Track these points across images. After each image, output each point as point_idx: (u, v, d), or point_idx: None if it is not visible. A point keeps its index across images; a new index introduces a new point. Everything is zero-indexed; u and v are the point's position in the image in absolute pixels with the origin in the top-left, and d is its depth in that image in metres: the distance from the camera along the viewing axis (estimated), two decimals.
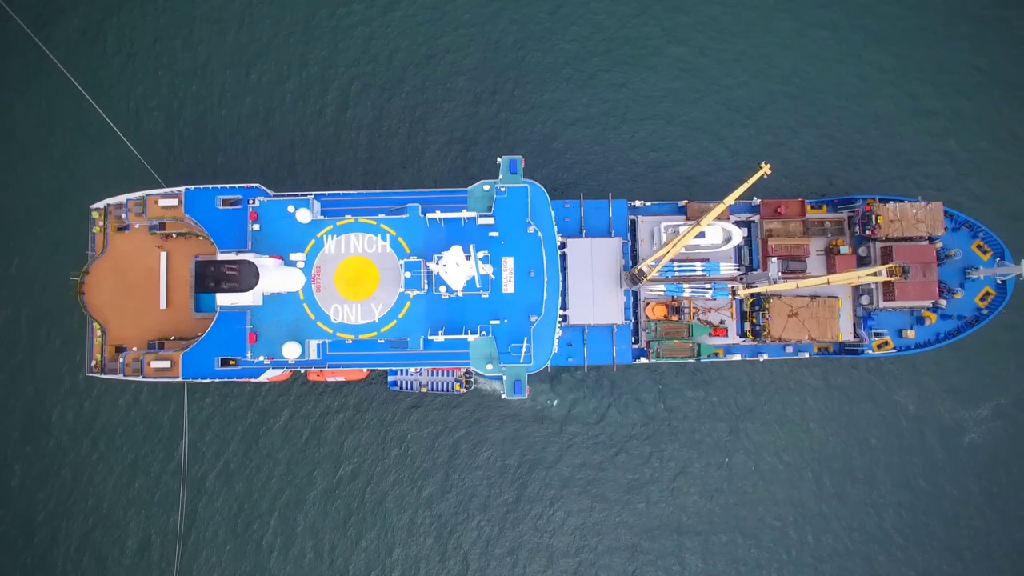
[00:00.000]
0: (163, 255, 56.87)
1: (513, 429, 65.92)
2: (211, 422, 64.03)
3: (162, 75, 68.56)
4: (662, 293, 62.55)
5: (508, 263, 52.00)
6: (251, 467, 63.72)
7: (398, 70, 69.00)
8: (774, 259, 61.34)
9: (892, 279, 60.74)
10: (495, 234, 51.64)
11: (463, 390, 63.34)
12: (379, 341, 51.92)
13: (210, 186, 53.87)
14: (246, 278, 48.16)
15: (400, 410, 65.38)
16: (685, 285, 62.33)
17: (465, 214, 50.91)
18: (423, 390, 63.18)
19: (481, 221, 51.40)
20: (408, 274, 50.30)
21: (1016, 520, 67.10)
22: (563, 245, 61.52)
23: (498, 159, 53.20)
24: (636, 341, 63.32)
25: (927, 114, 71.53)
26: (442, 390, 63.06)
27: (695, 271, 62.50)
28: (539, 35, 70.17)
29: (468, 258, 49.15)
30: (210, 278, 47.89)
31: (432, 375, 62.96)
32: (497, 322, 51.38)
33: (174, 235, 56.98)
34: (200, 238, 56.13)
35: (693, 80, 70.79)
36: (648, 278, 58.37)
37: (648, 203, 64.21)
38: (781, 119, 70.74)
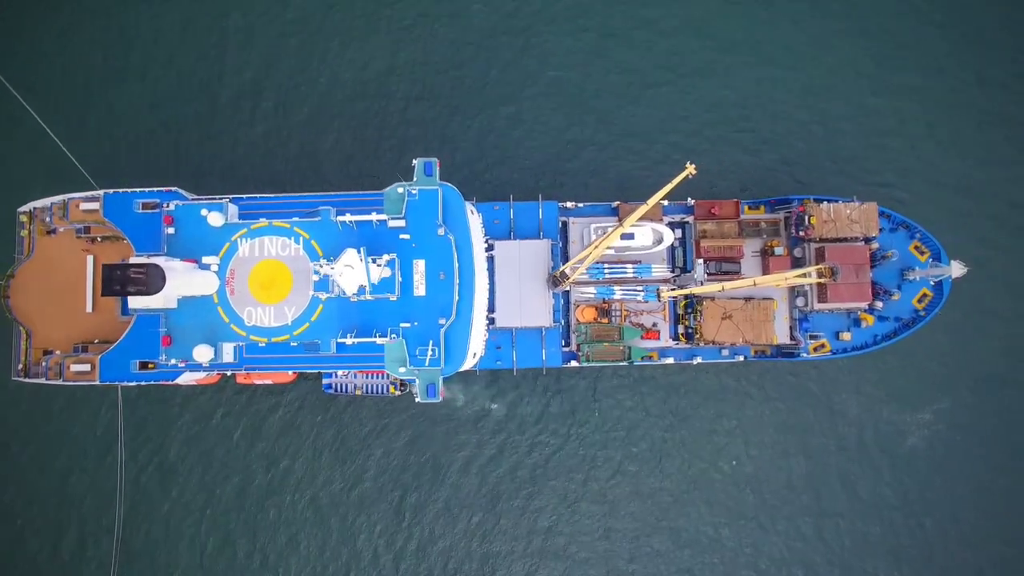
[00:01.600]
0: (89, 259, 57.35)
1: (446, 428, 65.80)
2: (147, 423, 64.51)
3: (97, 74, 68.93)
4: (592, 295, 62.22)
5: (419, 266, 51.80)
6: (186, 467, 64.11)
7: (334, 73, 69.16)
8: (699, 261, 60.78)
9: (821, 281, 60.10)
10: (406, 236, 51.51)
11: (398, 392, 63.30)
12: (292, 344, 51.95)
13: (128, 190, 54.21)
14: (153, 281, 48.32)
15: (334, 412, 65.41)
16: (616, 287, 62.02)
17: (375, 217, 50.78)
18: (358, 392, 63.27)
19: (392, 224, 51.27)
20: (317, 277, 50.34)
21: (952, 522, 66.14)
22: (491, 247, 61.50)
23: (413, 161, 53.06)
24: (567, 344, 63.04)
25: (871, 114, 70.59)
26: (377, 392, 63.10)
27: (626, 273, 62.11)
28: (478, 35, 70.11)
29: (365, 261, 49.10)
30: (115, 281, 48.08)
31: (368, 378, 63.07)
32: (407, 325, 51.21)
33: (99, 239, 57.46)
34: (125, 241, 56.54)
35: (632, 78, 70.28)
36: (571, 280, 57.99)
37: (580, 204, 63.85)
38: (722, 118, 69.96)
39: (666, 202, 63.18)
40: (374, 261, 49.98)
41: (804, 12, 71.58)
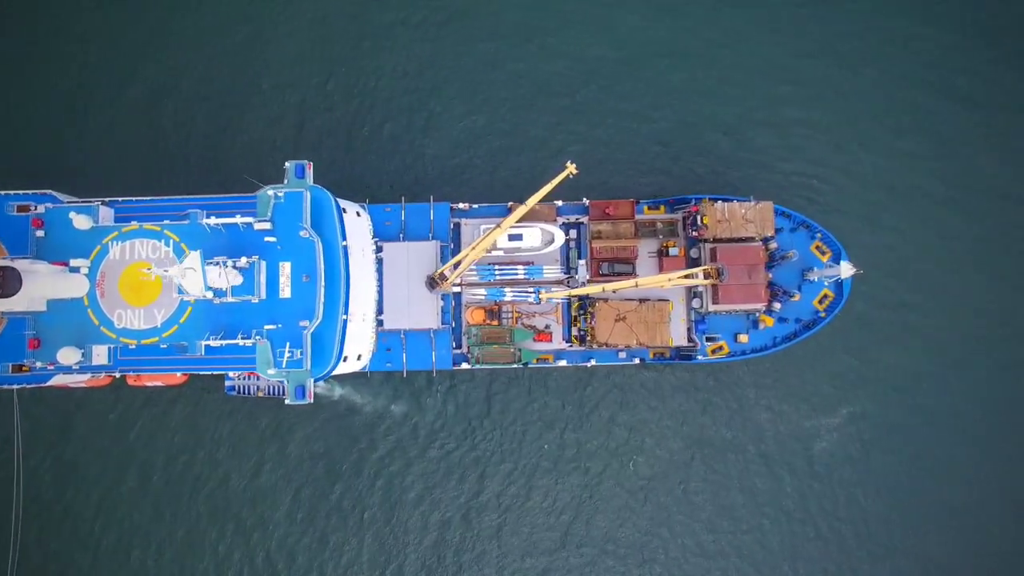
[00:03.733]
0: None
1: (339, 426, 65.39)
2: (41, 424, 64.92)
3: None
4: (483, 297, 61.76)
5: (285, 268, 51.61)
6: (81, 467, 64.36)
7: (234, 74, 69.40)
8: (582, 262, 60.03)
9: (708, 282, 59.11)
10: (272, 239, 51.39)
11: None
12: (161, 346, 52.05)
13: (1, 192, 54.65)
14: (9, 284, 48.66)
15: (229, 411, 65.26)
16: (507, 289, 61.48)
17: (239, 220, 50.71)
18: (260, 394, 63.00)
19: (258, 226, 51.17)
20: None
21: (862, 523, 64.70)
22: (380, 249, 61.34)
23: (285, 164, 53.01)
24: (459, 346, 62.58)
25: (783, 117, 69.23)
26: (279, 394, 62.86)
27: (517, 274, 61.55)
28: (366, 39, 70.36)
29: (218, 264, 49.02)
30: None
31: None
32: (272, 327, 51.06)
33: None
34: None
35: (535, 78, 69.65)
36: (450, 282, 57.62)
37: (474, 205, 63.41)
38: (630, 115, 68.97)
39: (560, 202, 62.73)
40: (234, 264, 49.90)
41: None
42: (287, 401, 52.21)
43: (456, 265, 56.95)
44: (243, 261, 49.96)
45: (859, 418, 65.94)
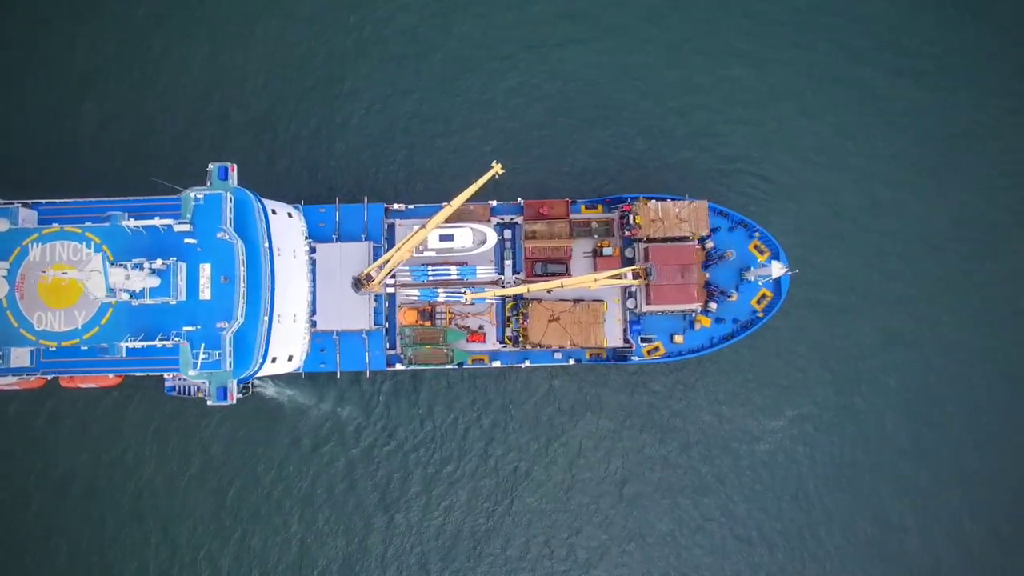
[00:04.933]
0: None
1: (268, 425, 65.27)
2: None
3: None
4: (416, 298, 61.45)
5: (205, 269, 51.54)
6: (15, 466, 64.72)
7: (171, 76, 69.34)
8: (508, 263, 59.62)
9: (637, 282, 58.61)
10: (192, 241, 51.27)
11: (238, 395, 63.04)
12: (82, 347, 52.06)
13: None
14: None
15: (169, 410, 65.20)
16: (440, 289, 61.13)
17: (158, 222, 50.62)
18: (200, 395, 62.99)
19: (178, 228, 51.06)
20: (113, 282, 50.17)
21: (793, 525, 64.29)
22: (314, 250, 61.16)
23: (208, 166, 52.93)
24: (393, 347, 62.27)
25: (724, 115, 68.82)
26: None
27: (450, 275, 61.21)
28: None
29: (123, 266, 48.97)
30: None
31: None
32: (192, 328, 50.95)
33: None
34: None
35: (476, 78, 69.42)
36: (375, 283, 57.33)
37: (410, 206, 63.07)
38: (569, 115, 68.59)
39: (495, 202, 62.38)
40: (150, 266, 49.84)
41: None
42: (208, 402, 52.30)
43: (383, 266, 56.61)
44: (158, 263, 49.87)
45: (802, 419, 65.33)
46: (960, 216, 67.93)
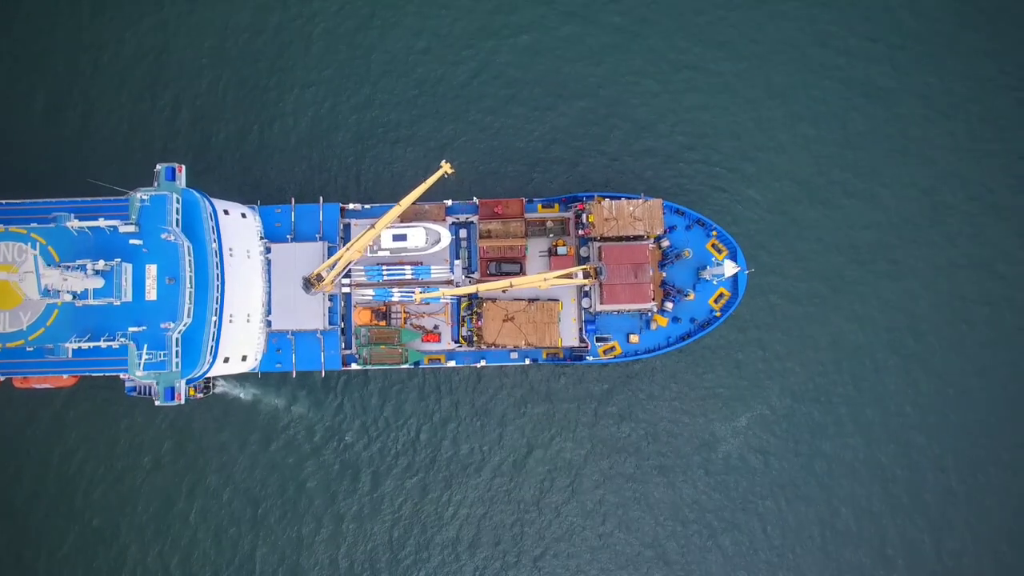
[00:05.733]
0: None
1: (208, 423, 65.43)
2: None
3: None
4: (371, 298, 61.25)
5: (151, 270, 51.50)
6: None
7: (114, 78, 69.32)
8: (457, 262, 59.39)
9: (588, 281, 58.27)
10: (137, 242, 51.19)
11: (199, 395, 63.17)
12: (27, 348, 52.07)
13: None
14: None
15: (124, 409, 65.10)
16: (395, 289, 60.92)
17: (103, 223, 50.58)
18: None
19: (123, 229, 51.03)
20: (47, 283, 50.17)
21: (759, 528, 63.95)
22: (269, 250, 61.02)
23: (156, 166, 52.83)
24: (349, 347, 62.11)
25: (686, 115, 68.19)
26: None
27: (405, 275, 60.97)
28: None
29: (59, 267, 48.95)
30: None
31: None
32: (137, 329, 50.87)
33: None
34: None
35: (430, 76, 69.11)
36: (326, 283, 57.15)
37: (366, 206, 62.84)
38: (532, 111, 68.25)
39: (450, 202, 62.11)
40: (92, 267, 49.78)
41: None
42: (156, 403, 52.27)
43: (334, 266, 56.43)
44: (101, 264, 49.82)
45: (761, 420, 64.85)
46: (924, 208, 67.34)
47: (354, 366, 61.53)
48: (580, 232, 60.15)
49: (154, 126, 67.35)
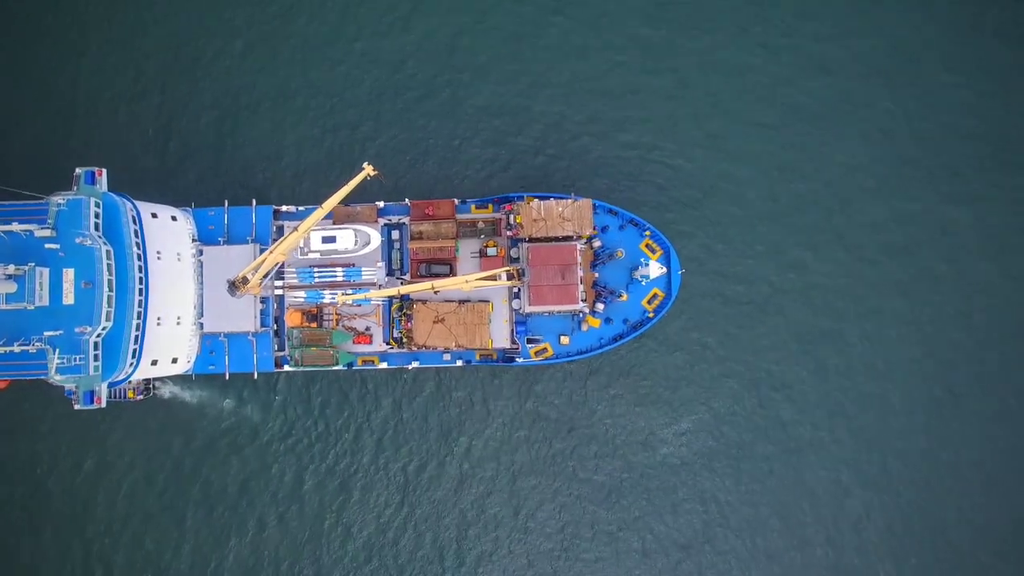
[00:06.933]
0: None
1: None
2: None
3: None
4: (303, 300, 61.34)
5: (69, 274, 51.89)
6: None
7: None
8: (380, 264, 59.24)
9: (511, 283, 57.80)
10: (54, 246, 51.60)
11: (138, 397, 63.89)
12: None
13: None
14: None
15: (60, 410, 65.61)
16: (326, 291, 60.95)
17: (16, 227, 51.00)
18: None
19: (39, 233, 51.52)
20: None
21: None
22: (201, 252, 61.38)
23: (76, 170, 53.29)
24: (283, 348, 62.27)
25: (620, 113, 67.40)
26: (116, 398, 63.59)
27: (336, 277, 60.95)
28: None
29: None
30: None
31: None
32: (54, 333, 51.25)
33: None
34: None
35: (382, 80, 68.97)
36: (250, 286, 57.24)
37: (300, 208, 62.91)
38: (462, 111, 67.81)
39: (382, 203, 61.97)
40: (3, 272, 50.25)
41: None
42: (75, 406, 52.76)
43: (258, 269, 56.53)
44: (12, 268, 50.29)
45: (700, 423, 64.08)
46: (867, 208, 66.04)
47: (287, 368, 61.74)
48: (509, 233, 59.70)
49: (83, 129, 67.77)
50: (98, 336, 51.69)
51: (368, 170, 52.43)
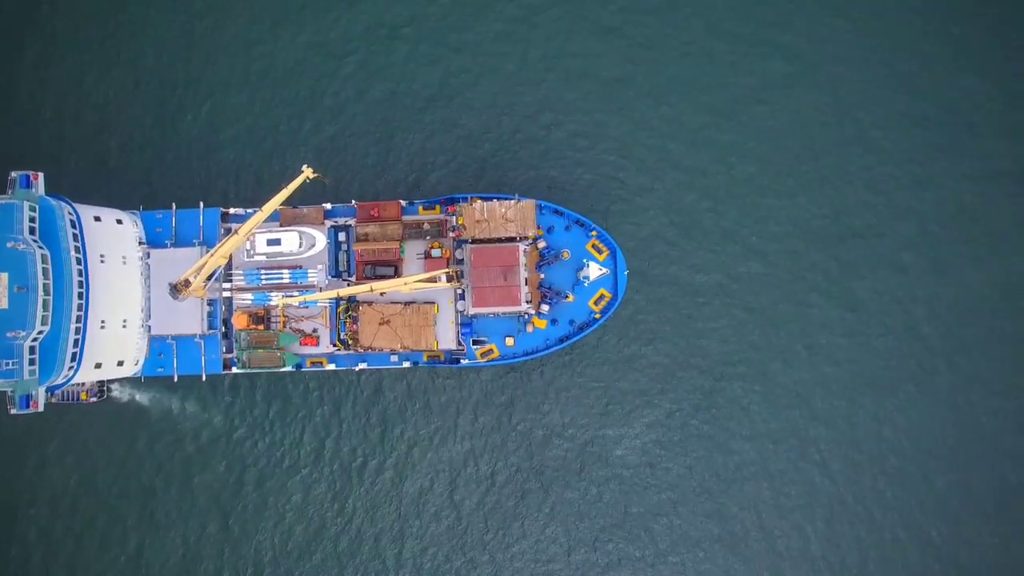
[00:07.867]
0: None
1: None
2: None
3: None
4: (250, 302, 61.36)
5: (2, 279, 52.01)
6: None
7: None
8: (320, 266, 59.17)
9: (451, 284, 57.59)
10: None
11: (92, 399, 64.23)
12: None
13: None
14: None
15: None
16: (273, 293, 60.93)
17: None
18: (52, 399, 63.65)
19: None
20: None
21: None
22: (148, 255, 61.53)
23: (11, 174, 53.42)
24: (231, 350, 62.33)
25: (569, 113, 67.21)
26: (69, 400, 63.94)
27: (283, 279, 60.94)
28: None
29: None
30: None
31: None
32: None
33: None
34: None
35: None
36: (195, 288, 57.24)
37: (248, 210, 62.84)
38: (409, 114, 67.82)
39: (329, 205, 61.90)
40: None
41: None
42: (11, 411, 52.93)
43: (200, 272, 56.55)
44: None
45: (654, 424, 63.78)
46: (825, 208, 65.41)
47: (235, 370, 61.82)
48: (452, 235, 59.50)
49: (24, 134, 68.06)
50: (34, 340, 51.77)
51: (307, 173, 52.35)
